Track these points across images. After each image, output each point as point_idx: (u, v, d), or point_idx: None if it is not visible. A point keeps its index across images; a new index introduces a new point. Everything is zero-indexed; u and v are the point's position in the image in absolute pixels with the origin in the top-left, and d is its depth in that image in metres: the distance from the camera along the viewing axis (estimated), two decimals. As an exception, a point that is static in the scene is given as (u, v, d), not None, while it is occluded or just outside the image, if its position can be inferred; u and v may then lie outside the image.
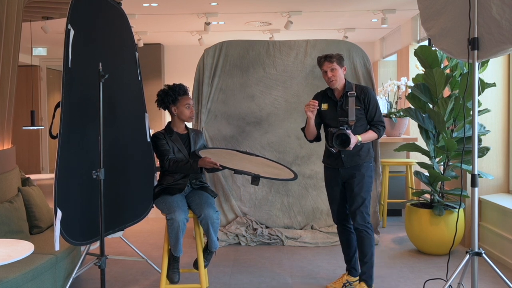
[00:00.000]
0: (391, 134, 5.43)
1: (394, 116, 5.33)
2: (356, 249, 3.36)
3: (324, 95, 3.33)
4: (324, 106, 3.31)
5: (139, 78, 3.62)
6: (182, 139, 3.29)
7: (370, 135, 3.22)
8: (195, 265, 3.21)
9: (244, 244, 4.55)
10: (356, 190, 3.22)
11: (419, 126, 4.33)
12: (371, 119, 3.25)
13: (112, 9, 3.35)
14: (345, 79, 3.28)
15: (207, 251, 3.19)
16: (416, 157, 5.62)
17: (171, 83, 3.35)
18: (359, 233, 3.24)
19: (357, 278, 3.37)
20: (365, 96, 3.22)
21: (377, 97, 4.76)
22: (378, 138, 3.28)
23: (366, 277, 3.24)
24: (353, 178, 3.24)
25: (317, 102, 3.23)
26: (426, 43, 6.12)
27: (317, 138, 3.37)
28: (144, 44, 8.13)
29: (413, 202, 4.45)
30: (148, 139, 3.51)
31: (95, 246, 3.81)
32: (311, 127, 3.28)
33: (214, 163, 2.98)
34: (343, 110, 3.22)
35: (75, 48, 2.77)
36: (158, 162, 3.32)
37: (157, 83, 8.81)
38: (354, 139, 3.09)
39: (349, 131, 3.07)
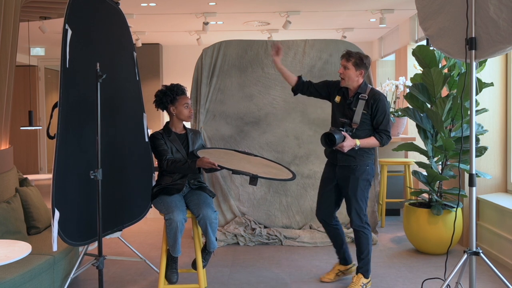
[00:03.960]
0: (389, 134, 5.43)
1: (392, 116, 5.34)
2: (344, 241, 3.53)
3: (341, 88, 3.37)
4: (337, 99, 3.35)
5: (137, 78, 3.61)
6: (180, 139, 3.29)
7: (371, 141, 3.24)
8: (194, 265, 3.21)
9: (243, 244, 4.54)
10: (350, 193, 3.29)
11: (417, 125, 4.33)
12: (377, 126, 3.25)
13: (110, 9, 3.35)
14: (364, 81, 3.29)
15: (206, 251, 3.18)
16: (414, 157, 5.63)
17: (169, 83, 3.35)
18: (356, 233, 3.35)
19: (349, 266, 3.58)
20: (375, 102, 3.21)
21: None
22: (380, 146, 3.29)
23: (363, 271, 3.37)
24: (347, 181, 3.30)
25: (280, 48, 3.45)
26: (424, 42, 6.12)
27: (294, 91, 3.51)
28: (142, 44, 8.11)
29: (411, 201, 4.46)
30: (146, 139, 3.50)
31: (93, 247, 3.80)
32: (284, 75, 3.51)
33: (212, 163, 2.98)
34: (350, 110, 3.27)
35: (72, 48, 2.77)
36: (156, 162, 3.32)
37: (155, 83, 8.80)
38: (350, 142, 3.13)
39: (346, 134, 3.12)
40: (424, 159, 4.68)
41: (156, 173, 3.39)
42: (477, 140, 4.06)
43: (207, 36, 7.74)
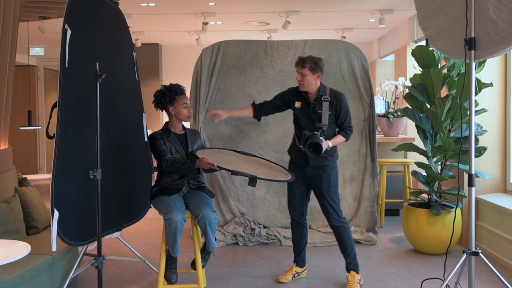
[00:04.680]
0: (389, 134, 5.43)
1: (391, 116, 5.34)
2: (307, 242, 3.63)
3: (299, 92, 3.46)
4: (298, 105, 3.45)
5: (137, 78, 3.62)
6: (179, 139, 3.29)
7: (339, 139, 3.39)
8: (193, 265, 3.21)
9: (242, 244, 4.54)
10: (324, 191, 3.39)
11: (416, 126, 4.33)
12: (341, 124, 3.39)
13: (110, 9, 3.34)
14: (321, 82, 3.39)
15: (205, 251, 3.18)
16: (413, 157, 5.63)
17: (168, 83, 3.35)
18: (336, 229, 3.42)
19: (304, 268, 3.63)
20: (338, 103, 3.35)
21: (375, 97, 4.81)
22: (346, 141, 3.45)
23: (353, 266, 3.44)
24: (319, 179, 3.40)
25: (215, 113, 3.51)
26: (423, 43, 6.13)
27: (257, 118, 3.66)
28: (141, 44, 8.11)
29: (410, 201, 4.46)
30: (146, 139, 3.50)
31: (92, 247, 3.80)
32: (240, 115, 3.75)
33: (212, 164, 2.98)
34: (316, 113, 3.35)
35: (72, 48, 2.76)
36: (156, 162, 3.31)
37: (154, 83, 8.80)
38: (325, 145, 3.23)
39: (321, 138, 3.22)
40: (423, 159, 4.68)
41: (156, 173, 3.39)
42: (476, 140, 4.07)
43: (207, 36, 7.74)
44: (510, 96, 4.33)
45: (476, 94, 3.95)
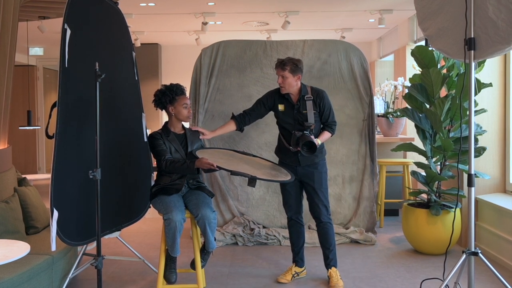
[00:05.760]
0: (388, 134, 5.43)
1: (391, 116, 5.34)
2: (304, 241, 3.63)
3: (280, 95, 3.47)
4: (281, 107, 3.46)
5: (136, 78, 3.61)
6: (179, 139, 3.29)
7: (326, 136, 3.44)
8: (192, 265, 3.21)
9: (241, 244, 4.54)
10: (316, 187, 3.44)
11: (416, 126, 4.34)
12: (325, 120, 3.43)
13: (109, 9, 3.34)
14: (301, 82, 3.40)
15: (204, 251, 3.18)
16: (413, 157, 5.63)
17: (168, 83, 3.34)
18: (324, 225, 3.48)
19: (303, 268, 3.64)
20: (321, 100, 3.38)
21: (374, 97, 4.81)
22: (332, 136, 3.50)
23: (334, 262, 3.51)
24: (311, 176, 3.44)
25: (200, 130, 3.43)
26: (423, 43, 6.13)
27: (241, 130, 3.63)
28: (141, 44, 8.11)
29: (410, 202, 4.46)
30: (145, 139, 3.50)
31: (92, 247, 3.79)
32: (224, 132, 3.64)
33: (211, 164, 2.98)
34: (301, 114, 3.37)
35: (71, 48, 2.76)
36: (155, 162, 3.31)
37: (154, 83, 8.79)
38: (316, 143, 3.26)
39: (312, 136, 3.26)
40: (422, 160, 4.68)
41: (155, 173, 3.39)
42: (476, 140, 4.07)
43: (206, 36, 7.74)
44: (510, 96, 4.33)
45: (475, 94, 3.95)
